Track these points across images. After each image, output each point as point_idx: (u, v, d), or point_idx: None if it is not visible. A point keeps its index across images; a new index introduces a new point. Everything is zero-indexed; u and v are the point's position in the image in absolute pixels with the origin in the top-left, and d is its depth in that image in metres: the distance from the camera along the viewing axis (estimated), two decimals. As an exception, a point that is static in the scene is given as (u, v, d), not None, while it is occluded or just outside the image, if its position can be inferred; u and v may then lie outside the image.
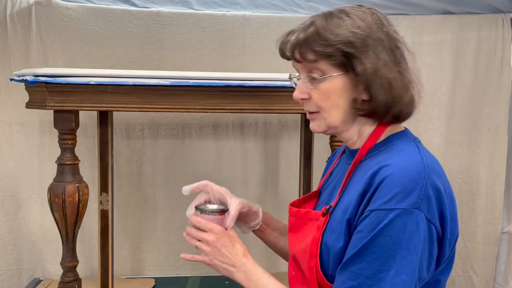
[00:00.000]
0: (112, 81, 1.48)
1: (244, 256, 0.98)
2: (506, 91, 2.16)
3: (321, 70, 0.90)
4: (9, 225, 2.07)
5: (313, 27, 0.89)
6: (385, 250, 0.79)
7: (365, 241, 0.80)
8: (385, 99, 0.87)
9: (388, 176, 0.80)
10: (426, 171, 0.81)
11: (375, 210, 0.80)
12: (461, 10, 2.15)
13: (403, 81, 0.88)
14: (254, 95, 1.54)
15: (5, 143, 2.05)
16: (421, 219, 0.79)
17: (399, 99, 0.88)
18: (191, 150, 2.17)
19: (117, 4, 2.05)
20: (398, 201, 0.79)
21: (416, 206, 0.78)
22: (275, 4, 2.09)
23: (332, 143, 1.68)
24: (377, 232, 0.79)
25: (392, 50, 0.88)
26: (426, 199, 0.79)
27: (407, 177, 0.80)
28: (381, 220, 0.79)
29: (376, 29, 0.88)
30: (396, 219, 0.78)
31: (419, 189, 0.79)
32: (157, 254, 2.20)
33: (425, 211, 0.79)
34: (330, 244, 0.88)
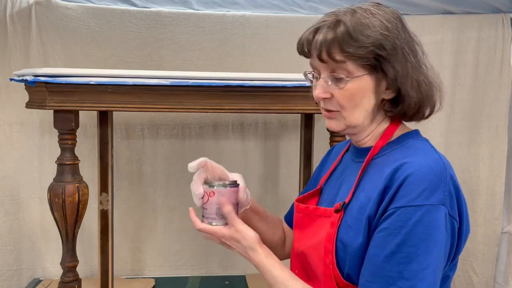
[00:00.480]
0: (112, 81, 1.48)
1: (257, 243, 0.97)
2: (506, 91, 2.16)
3: (347, 70, 0.89)
4: (9, 225, 2.07)
5: (343, 27, 0.88)
6: (422, 248, 0.79)
7: (397, 241, 0.80)
8: (416, 100, 0.90)
9: (413, 173, 0.81)
10: (446, 168, 0.84)
11: (402, 207, 0.80)
12: (461, 10, 2.15)
13: (429, 81, 0.91)
14: (254, 95, 1.55)
15: (5, 143, 2.05)
16: (446, 215, 0.81)
17: (429, 98, 0.91)
18: (191, 150, 2.17)
19: (117, 4, 2.05)
20: (425, 197, 0.79)
21: (442, 202, 0.80)
22: (275, 4, 2.09)
23: (332, 143, 1.68)
24: (409, 230, 0.79)
25: (414, 51, 0.91)
26: (449, 196, 0.81)
27: (432, 174, 0.81)
28: (410, 217, 0.79)
29: (401, 30, 0.90)
30: (426, 215, 0.79)
31: (443, 185, 0.81)
32: (157, 254, 2.20)
33: (449, 206, 0.81)
34: (346, 241, 0.88)
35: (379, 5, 0.92)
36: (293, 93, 1.54)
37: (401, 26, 0.91)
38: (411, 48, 0.90)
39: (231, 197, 0.99)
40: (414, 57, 0.90)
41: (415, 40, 0.92)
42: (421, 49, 0.93)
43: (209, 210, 1.01)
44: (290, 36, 2.10)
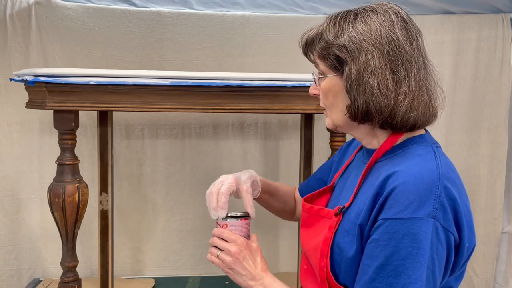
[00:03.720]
0: (112, 81, 1.48)
1: (263, 271, 0.99)
2: (506, 91, 2.16)
3: (321, 70, 0.93)
4: (9, 225, 2.07)
5: (321, 28, 0.92)
6: (410, 261, 0.77)
7: (386, 254, 0.79)
8: (365, 106, 0.86)
9: (402, 184, 0.79)
10: (440, 179, 0.80)
11: (390, 219, 0.79)
12: (461, 10, 2.15)
13: (395, 89, 0.85)
14: (254, 95, 1.54)
15: (5, 143, 2.05)
16: (438, 228, 0.78)
17: (384, 106, 0.85)
18: (191, 150, 2.17)
19: (117, 4, 2.05)
20: (413, 210, 0.78)
21: (432, 215, 0.78)
22: (275, 4, 2.08)
23: (332, 143, 1.68)
24: (396, 243, 0.78)
25: (391, 55, 0.85)
26: (442, 208, 0.78)
27: (422, 186, 0.79)
28: (397, 229, 0.78)
29: (378, 32, 0.85)
30: (413, 228, 0.77)
31: (434, 197, 0.78)
32: (157, 254, 2.20)
33: (441, 220, 0.78)
34: (342, 246, 0.88)
35: (383, 5, 0.89)
36: (293, 93, 1.54)
37: (386, 28, 0.85)
38: (385, 52, 0.84)
39: (243, 230, 1.04)
40: (383, 61, 0.84)
41: (404, 45, 0.86)
42: (414, 56, 0.87)
43: None
44: (290, 36, 2.12)
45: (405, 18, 0.89)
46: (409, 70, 0.86)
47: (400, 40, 0.86)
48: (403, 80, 0.85)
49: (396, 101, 0.85)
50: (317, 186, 1.17)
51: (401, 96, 0.85)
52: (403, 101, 0.85)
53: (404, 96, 0.85)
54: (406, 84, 0.85)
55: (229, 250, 1.00)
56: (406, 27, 0.88)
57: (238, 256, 0.99)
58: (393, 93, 0.85)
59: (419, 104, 0.86)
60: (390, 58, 0.85)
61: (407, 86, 0.85)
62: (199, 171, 2.17)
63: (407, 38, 0.87)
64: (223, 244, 1.01)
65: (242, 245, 1.00)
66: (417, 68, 0.87)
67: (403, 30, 0.87)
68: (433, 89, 0.89)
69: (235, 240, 1.01)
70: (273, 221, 2.19)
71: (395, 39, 0.85)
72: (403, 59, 0.85)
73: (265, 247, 1.26)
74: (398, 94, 0.85)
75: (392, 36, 0.85)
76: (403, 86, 0.85)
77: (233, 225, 1.03)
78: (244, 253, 0.99)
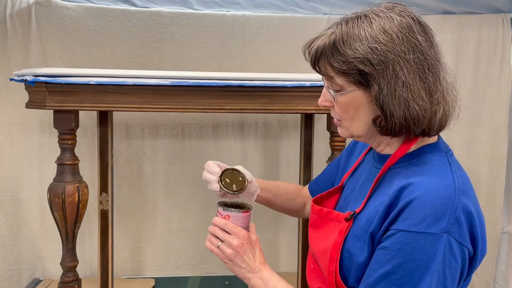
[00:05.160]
0: (112, 81, 1.48)
1: (261, 264, 1.00)
2: (506, 91, 2.16)
3: (338, 84, 0.87)
4: (9, 225, 2.07)
5: (332, 40, 0.85)
6: (417, 274, 0.78)
7: (394, 263, 0.79)
8: (403, 120, 0.83)
9: (418, 198, 0.79)
10: (456, 194, 0.80)
11: (403, 230, 0.79)
12: (461, 10, 2.15)
13: (429, 98, 0.83)
14: (254, 95, 1.54)
15: (5, 143, 2.05)
16: (452, 243, 0.78)
17: (422, 118, 0.83)
18: (191, 150, 2.17)
19: (117, 4, 2.05)
20: (428, 225, 0.77)
21: (446, 230, 0.77)
22: (275, 4, 2.08)
23: (332, 143, 1.68)
24: (406, 255, 0.78)
25: (417, 63, 0.82)
26: (457, 223, 0.78)
27: (438, 201, 0.78)
28: (409, 242, 0.78)
29: (400, 40, 0.81)
30: (425, 243, 0.77)
31: (449, 213, 0.78)
32: (157, 254, 2.20)
33: (456, 235, 0.78)
34: (353, 252, 0.88)
35: (393, 8, 0.85)
36: (293, 93, 1.54)
37: (405, 34, 0.82)
38: (410, 61, 0.81)
39: (244, 221, 1.04)
40: (412, 72, 0.81)
41: (425, 48, 0.83)
42: (434, 60, 0.84)
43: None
44: (290, 36, 2.12)
45: (420, 20, 0.86)
46: (437, 76, 0.84)
47: (423, 45, 0.82)
48: (434, 87, 0.83)
49: (432, 111, 0.84)
50: (326, 185, 1.17)
51: (436, 106, 0.83)
52: (439, 109, 0.84)
53: (438, 103, 0.84)
54: (438, 91, 0.83)
55: (231, 243, 0.99)
56: (424, 30, 0.85)
57: (239, 250, 0.99)
58: (428, 102, 0.83)
59: (451, 108, 0.87)
60: (418, 67, 0.82)
61: (440, 92, 0.84)
62: (199, 171, 2.16)
63: (427, 42, 0.84)
64: (225, 236, 1.01)
65: (244, 239, 1.00)
66: (443, 72, 0.85)
67: (422, 34, 0.84)
68: (451, 91, 0.88)
69: (237, 234, 1.00)
70: (274, 222, 2.19)
71: (418, 46, 0.82)
72: (429, 66, 0.83)
73: (266, 247, 1.26)
74: (432, 103, 0.83)
75: (415, 43, 0.82)
76: (436, 93, 0.83)
77: (236, 217, 1.02)
78: (245, 246, 1.00)
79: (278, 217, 2.21)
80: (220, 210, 1.04)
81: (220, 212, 1.04)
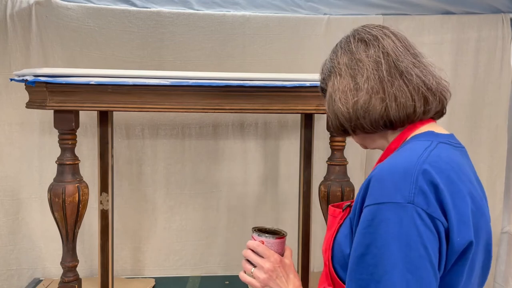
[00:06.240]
0: (112, 81, 1.48)
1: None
2: (506, 91, 2.16)
3: None
4: (9, 225, 2.07)
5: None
6: (388, 249, 0.74)
7: (366, 242, 0.77)
8: (332, 115, 0.96)
9: (377, 172, 0.79)
10: (418, 165, 0.77)
11: (367, 206, 0.78)
12: (461, 10, 2.15)
13: (353, 93, 0.91)
14: (254, 95, 1.55)
15: (5, 143, 2.05)
16: (421, 214, 0.74)
17: (343, 111, 0.93)
18: (191, 150, 2.17)
19: (117, 4, 2.05)
20: (388, 195, 0.75)
21: (409, 200, 0.74)
22: (275, 4, 2.09)
23: (332, 143, 1.68)
24: (374, 231, 0.75)
25: (348, 67, 0.93)
26: (421, 193, 0.74)
27: (396, 172, 0.76)
28: (373, 216, 0.76)
29: (342, 50, 0.95)
30: (389, 214, 0.74)
31: (409, 183, 0.75)
32: (157, 254, 2.20)
33: (423, 205, 0.74)
34: (339, 239, 0.88)
35: (356, 29, 0.98)
36: (293, 93, 1.54)
37: (340, 48, 0.96)
38: (341, 68, 0.94)
39: (279, 247, 1.03)
40: (343, 76, 0.93)
41: (358, 57, 0.93)
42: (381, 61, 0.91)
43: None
44: (290, 36, 2.12)
45: (361, 35, 0.96)
46: (364, 75, 0.92)
47: (355, 53, 0.94)
48: (361, 84, 0.91)
49: (353, 102, 0.91)
50: None
51: (356, 98, 0.91)
52: (366, 100, 0.90)
53: (359, 98, 0.91)
54: (360, 88, 0.91)
55: (263, 266, 0.99)
56: (363, 41, 0.95)
57: (272, 274, 0.98)
58: (350, 97, 0.92)
59: (376, 101, 0.90)
60: (349, 72, 0.93)
61: (361, 90, 0.91)
62: (199, 171, 2.18)
63: (363, 49, 0.94)
64: (257, 260, 1.00)
65: (276, 262, 0.99)
66: (373, 70, 0.91)
67: (359, 43, 0.95)
68: (397, 84, 0.90)
69: (269, 256, 1.00)
70: (274, 222, 2.19)
71: (351, 55, 0.94)
72: (358, 67, 0.93)
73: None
74: (355, 96, 0.92)
75: (354, 51, 0.94)
76: (359, 90, 0.91)
77: (270, 243, 1.02)
78: (278, 270, 0.99)
79: (278, 216, 2.21)
80: (254, 235, 1.04)
81: (254, 237, 1.04)
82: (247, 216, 2.20)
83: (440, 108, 0.99)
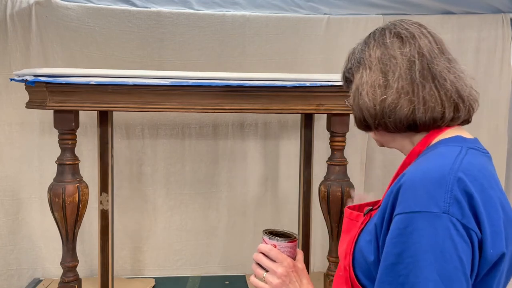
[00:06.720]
0: (112, 81, 1.48)
1: None
2: (506, 91, 2.16)
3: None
4: (9, 225, 2.07)
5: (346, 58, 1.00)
6: (423, 259, 0.72)
7: (397, 251, 0.74)
8: (356, 113, 0.93)
9: (409, 179, 0.76)
10: (453, 173, 0.75)
11: (398, 214, 0.75)
12: (461, 10, 2.15)
13: (382, 91, 0.88)
14: (254, 95, 1.55)
15: (5, 143, 2.05)
16: (456, 225, 0.72)
17: (370, 107, 0.89)
18: (191, 150, 2.17)
19: (117, 4, 2.05)
20: (422, 204, 0.73)
21: (445, 210, 0.72)
22: (275, 4, 2.09)
23: (332, 143, 1.68)
24: (406, 240, 0.73)
25: (380, 61, 0.90)
26: (456, 203, 0.73)
27: (429, 179, 0.74)
28: (406, 225, 0.74)
29: (371, 44, 0.92)
30: (423, 223, 0.72)
31: (444, 191, 0.73)
32: (157, 254, 2.20)
33: (458, 215, 0.72)
34: (362, 245, 0.86)
35: (393, 23, 0.94)
36: (293, 93, 1.54)
37: (372, 40, 0.92)
38: (372, 62, 0.90)
39: (291, 251, 1.00)
40: (372, 70, 0.90)
41: (392, 53, 0.89)
42: (414, 59, 0.88)
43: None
44: (290, 36, 2.12)
45: (398, 30, 0.92)
46: (396, 74, 0.88)
47: (389, 48, 0.90)
48: (392, 83, 0.88)
49: (381, 99, 0.88)
50: None
51: (384, 96, 0.88)
52: (396, 99, 0.87)
53: (387, 96, 0.88)
54: (390, 86, 0.88)
55: (276, 271, 0.96)
56: (399, 36, 0.91)
57: (285, 279, 0.96)
58: (379, 94, 0.88)
59: (428, 101, 0.87)
60: (381, 67, 0.90)
61: (391, 88, 0.88)
62: (199, 171, 2.17)
63: (398, 46, 0.90)
64: (270, 264, 0.97)
65: (289, 267, 0.97)
66: (406, 70, 0.88)
67: (395, 38, 0.91)
68: (428, 88, 0.88)
69: (282, 261, 0.97)
70: (274, 222, 2.19)
71: (385, 49, 0.91)
72: (391, 64, 0.89)
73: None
74: (384, 94, 0.88)
75: (383, 46, 0.91)
76: (388, 88, 0.88)
77: (282, 246, 0.98)
78: (291, 275, 0.96)
79: (278, 216, 2.21)
80: (265, 238, 1.00)
81: (265, 240, 1.00)
82: (247, 216, 2.20)
83: (467, 117, 0.97)
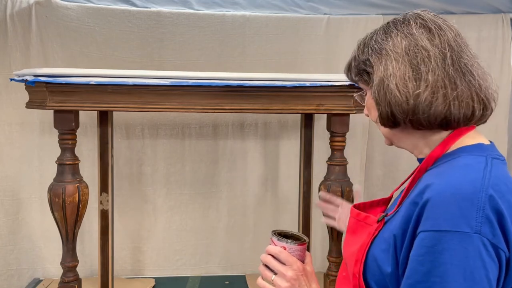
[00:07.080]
0: (112, 81, 1.48)
1: None
2: (506, 91, 2.17)
3: (362, 87, 0.96)
4: (9, 225, 2.07)
5: (357, 47, 0.94)
6: (448, 280, 0.70)
7: (423, 270, 0.73)
8: (384, 108, 0.85)
9: (438, 194, 0.73)
10: (484, 190, 0.72)
11: (426, 231, 0.73)
12: (461, 10, 2.15)
13: (414, 84, 0.82)
14: (254, 95, 1.55)
15: (5, 143, 2.05)
16: (486, 246, 0.70)
17: (402, 102, 0.83)
18: (191, 150, 2.17)
19: (117, 4, 2.05)
20: (453, 223, 0.71)
21: (476, 230, 0.70)
22: (275, 4, 2.09)
23: (332, 143, 1.68)
24: (434, 259, 0.71)
25: (407, 53, 0.84)
26: (487, 222, 0.71)
27: (461, 196, 0.72)
28: (435, 243, 0.71)
29: (395, 40, 0.86)
30: (454, 244, 0.70)
31: (476, 210, 0.71)
32: (157, 254, 2.20)
33: (489, 235, 0.71)
34: (376, 254, 0.84)
35: (405, 15, 0.91)
36: (293, 93, 1.54)
37: (401, 35, 0.86)
38: (399, 53, 0.84)
39: (300, 254, 0.98)
40: (399, 62, 0.83)
41: (425, 45, 0.83)
42: (436, 52, 0.83)
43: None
44: (290, 36, 2.12)
45: (425, 20, 0.87)
46: (427, 70, 0.82)
47: (418, 39, 0.84)
48: (425, 75, 0.82)
49: (415, 94, 0.82)
50: None
51: (418, 90, 0.82)
52: (429, 95, 0.81)
53: (422, 90, 0.82)
54: (424, 79, 0.82)
55: (285, 274, 0.93)
56: (427, 26, 0.86)
57: (294, 283, 0.93)
58: (411, 88, 0.82)
59: (463, 97, 0.83)
60: (409, 58, 0.84)
61: (425, 81, 0.82)
62: (199, 171, 2.17)
63: (427, 37, 0.85)
64: (279, 267, 0.94)
65: (299, 270, 0.94)
66: (439, 62, 0.83)
67: (422, 29, 0.86)
68: (461, 82, 0.83)
69: (291, 264, 0.94)
70: (274, 222, 2.19)
71: (413, 40, 0.85)
72: (424, 58, 0.83)
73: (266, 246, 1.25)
74: (416, 88, 0.82)
75: (412, 39, 0.85)
76: (422, 81, 0.82)
77: (292, 249, 0.95)
78: (301, 279, 0.94)
79: (278, 216, 2.21)
80: (274, 239, 0.97)
81: (274, 241, 0.97)
82: (247, 216, 2.20)
83: (487, 117, 0.94)
